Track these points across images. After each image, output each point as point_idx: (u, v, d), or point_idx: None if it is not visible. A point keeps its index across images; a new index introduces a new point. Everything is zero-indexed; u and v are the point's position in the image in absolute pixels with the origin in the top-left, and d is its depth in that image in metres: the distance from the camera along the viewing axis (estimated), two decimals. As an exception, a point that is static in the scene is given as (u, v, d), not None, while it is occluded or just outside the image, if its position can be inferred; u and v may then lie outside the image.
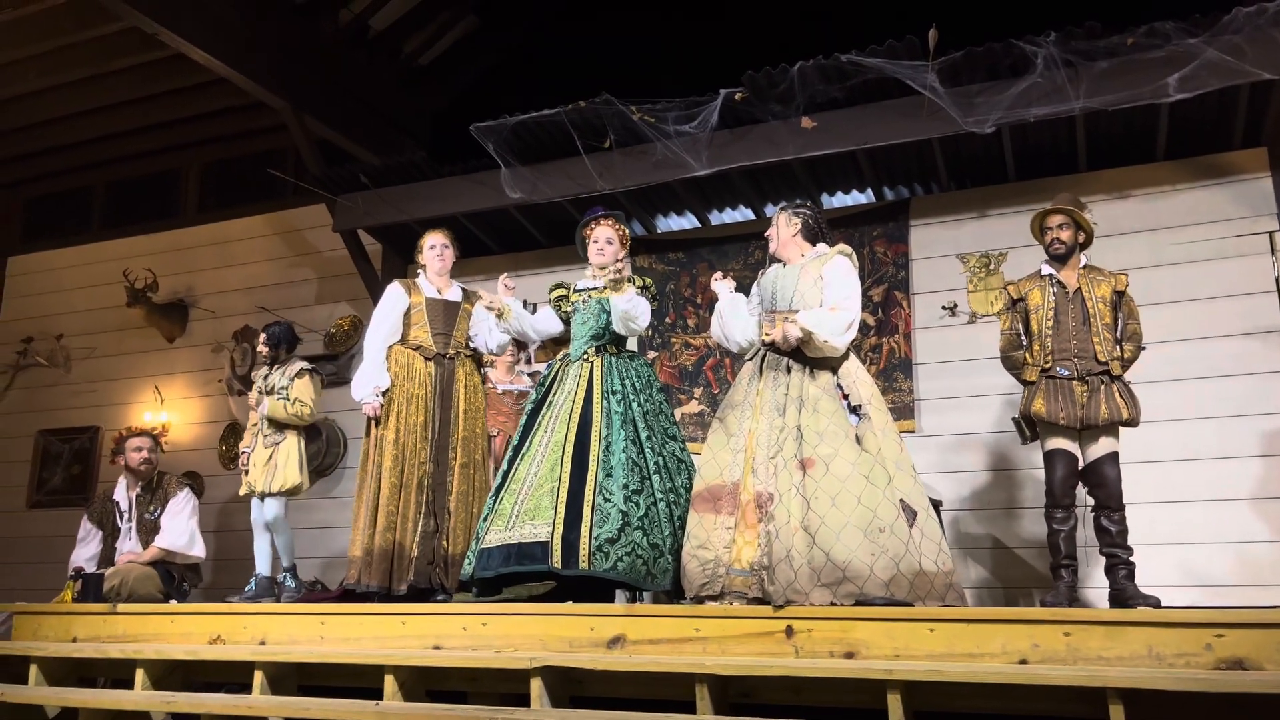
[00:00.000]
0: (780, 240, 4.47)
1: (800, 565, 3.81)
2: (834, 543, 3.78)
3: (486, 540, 4.32)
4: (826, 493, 3.87)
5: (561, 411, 4.49)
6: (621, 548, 4.09)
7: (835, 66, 5.49)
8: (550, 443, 4.42)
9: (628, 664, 3.60)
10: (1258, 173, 5.87)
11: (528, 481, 4.36)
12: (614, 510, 4.14)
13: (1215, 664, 3.11)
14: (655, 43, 7.36)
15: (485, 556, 4.29)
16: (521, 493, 4.34)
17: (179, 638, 4.83)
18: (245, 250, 8.63)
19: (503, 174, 6.31)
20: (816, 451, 3.94)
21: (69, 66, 7.90)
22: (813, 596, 3.76)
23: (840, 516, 3.82)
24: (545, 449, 4.42)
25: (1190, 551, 5.51)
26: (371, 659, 3.99)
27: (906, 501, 3.91)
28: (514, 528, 4.25)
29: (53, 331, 9.19)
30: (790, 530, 3.88)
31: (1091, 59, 5.18)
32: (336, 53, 7.79)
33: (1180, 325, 5.73)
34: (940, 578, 3.84)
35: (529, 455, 4.45)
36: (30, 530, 8.68)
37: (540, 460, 4.39)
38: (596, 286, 4.79)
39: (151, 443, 6.18)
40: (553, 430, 4.45)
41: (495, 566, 4.25)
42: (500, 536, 4.28)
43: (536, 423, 4.55)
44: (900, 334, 6.48)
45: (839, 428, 4.01)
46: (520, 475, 4.41)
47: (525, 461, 4.44)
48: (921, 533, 3.89)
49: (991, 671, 3.18)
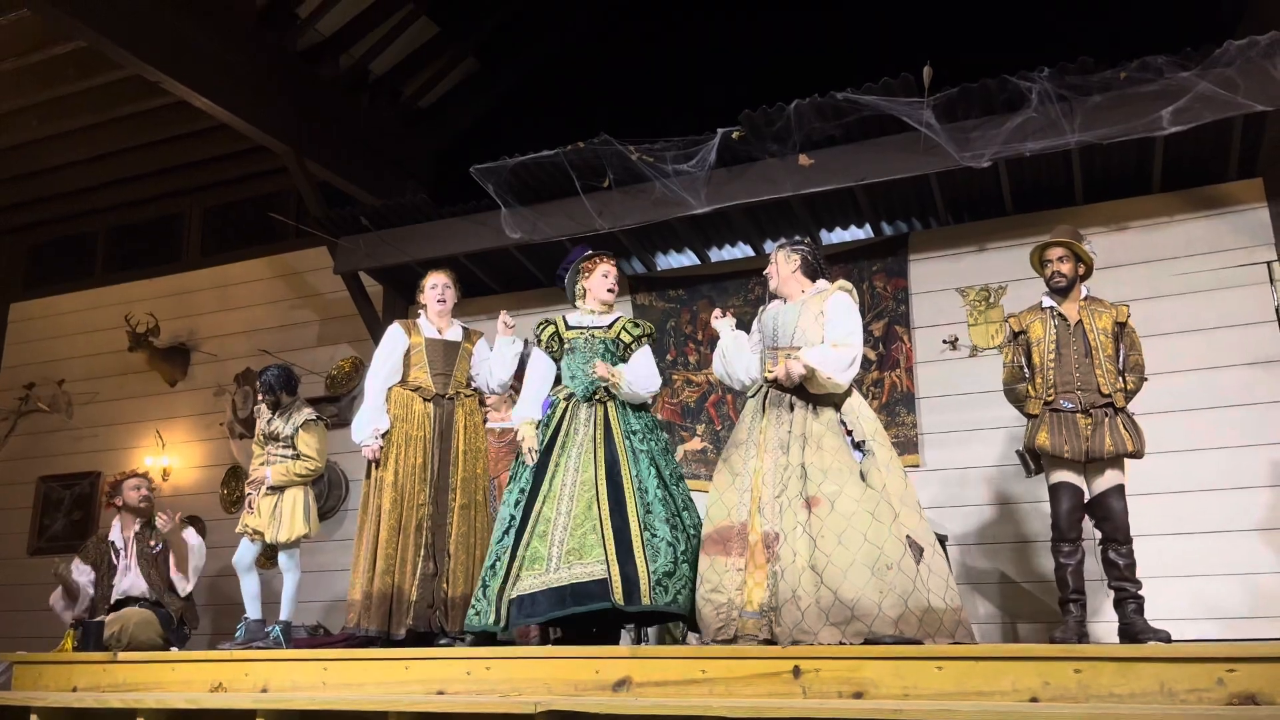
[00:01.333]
0: (780, 277, 4.47)
1: (808, 605, 3.78)
2: (841, 581, 3.76)
3: (522, 586, 4.16)
4: (833, 531, 3.84)
5: (582, 451, 4.39)
6: (677, 581, 4.10)
7: (831, 104, 5.54)
8: (578, 483, 4.31)
9: (634, 707, 3.55)
10: (1254, 203, 5.90)
11: (559, 523, 4.24)
12: (663, 545, 4.13)
13: (1228, 699, 3.07)
14: (653, 83, 7.43)
15: (527, 603, 4.14)
16: (554, 535, 4.22)
17: (180, 685, 4.78)
18: (247, 293, 8.66)
19: (503, 214, 6.35)
20: (821, 489, 3.93)
21: (71, 114, 7.98)
22: (821, 636, 3.73)
23: (847, 554, 3.80)
24: (573, 488, 4.30)
25: (1199, 584, 5.47)
26: (374, 705, 3.94)
27: (913, 537, 3.88)
28: (558, 570, 4.13)
29: (54, 377, 9.20)
30: (796, 569, 3.85)
31: (1085, 93, 5.23)
32: (337, 96, 7.87)
33: (1182, 356, 5.73)
34: (949, 614, 3.81)
35: (551, 496, 4.32)
36: (31, 577, 8.62)
37: (570, 500, 4.28)
38: (598, 326, 4.69)
39: (144, 481, 6.18)
40: (577, 470, 4.34)
41: (546, 611, 4.13)
42: (543, 580, 4.14)
43: (550, 463, 4.42)
44: (902, 368, 6.48)
45: (843, 464, 3.99)
46: (546, 516, 4.28)
47: (549, 503, 4.31)
48: (929, 569, 3.86)
49: (1002, 710, 3.14)
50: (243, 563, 5.81)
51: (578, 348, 4.64)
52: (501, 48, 8.51)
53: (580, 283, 4.77)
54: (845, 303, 4.29)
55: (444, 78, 8.56)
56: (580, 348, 4.64)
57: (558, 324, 4.73)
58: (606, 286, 4.72)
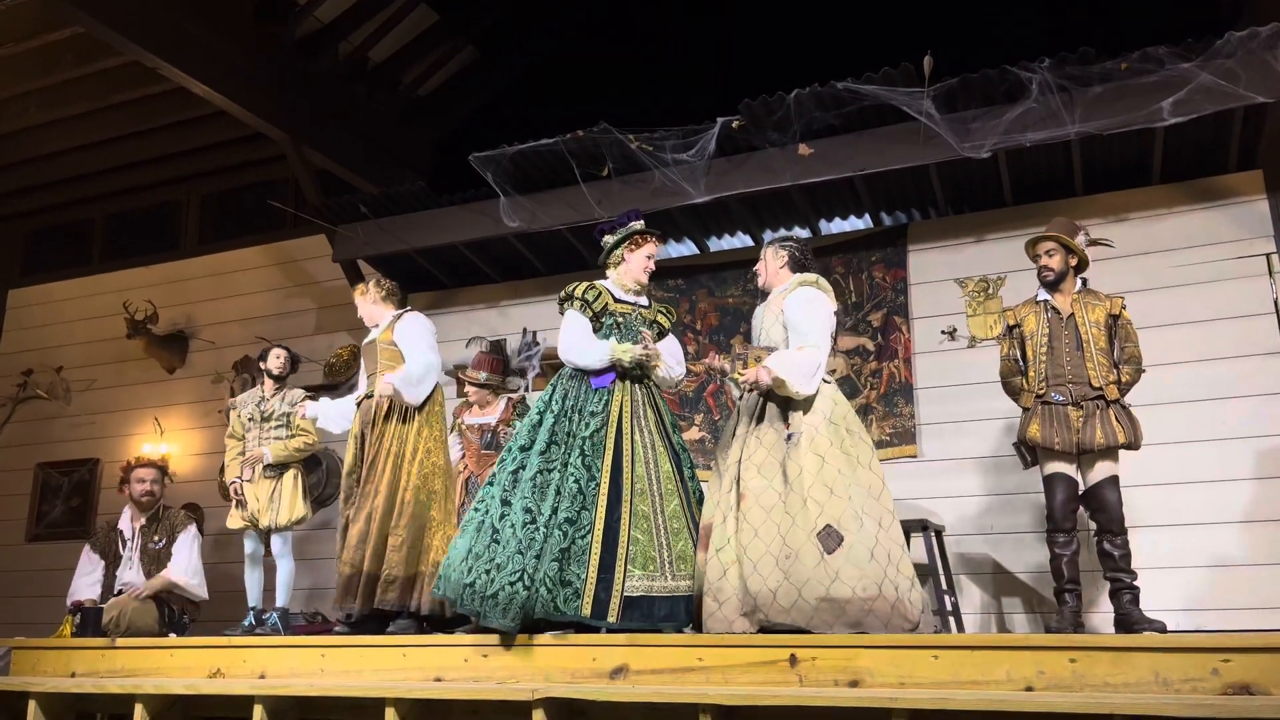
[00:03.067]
0: (769, 273, 4.42)
1: (727, 597, 3.89)
2: (751, 573, 3.87)
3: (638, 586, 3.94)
4: (750, 524, 3.93)
5: (654, 440, 4.23)
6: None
7: (831, 94, 5.53)
8: (660, 476, 4.16)
9: (631, 694, 3.57)
10: (1254, 195, 5.90)
11: (659, 523, 4.08)
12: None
13: (1222, 689, 3.08)
14: (653, 72, 7.41)
15: (645, 605, 3.94)
16: (659, 536, 4.06)
17: (178, 671, 4.80)
18: (245, 281, 8.65)
19: (502, 203, 6.34)
20: (749, 484, 3.99)
21: (69, 101, 7.96)
22: (735, 625, 3.85)
23: (760, 547, 3.89)
24: (660, 484, 4.15)
25: (1194, 574, 5.49)
26: (373, 692, 3.96)
27: (834, 526, 3.82)
28: (675, 577, 4.04)
29: (53, 364, 9.20)
30: (719, 562, 3.95)
31: (1086, 84, 5.22)
32: (336, 84, 7.85)
33: (1179, 348, 5.73)
34: (857, 604, 3.72)
35: (640, 490, 4.10)
36: (29, 564, 8.65)
37: (659, 497, 4.13)
38: (643, 305, 4.48)
39: (155, 474, 6.11)
40: (655, 463, 4.18)
41: (664, 620, 3.98)
42: (660, 585, 4.00)
43: (625, 446, 4.15)
44: (900, 359, 6.48)
45: (775, 458, 4.01)
46: (644, 512, 4.07)
47: (640, 498, 4.08)
48: (846, 558, 3.78)
49: (997, 699, 3.15)
50: (256, 556, 5.87)
51: (632, 323, 4.40)
52: (501, 36, 8.49)
53: (622, 250, 4.48)
54: (802, 298, 4.19)
55: (443, 66, 8.53)
56: (634, 323, 4.40)
57: (607, 293, 4.41)
58: (647, 268, 4.47)
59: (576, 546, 3.94)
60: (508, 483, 4.15)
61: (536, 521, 3.98)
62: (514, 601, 3.87)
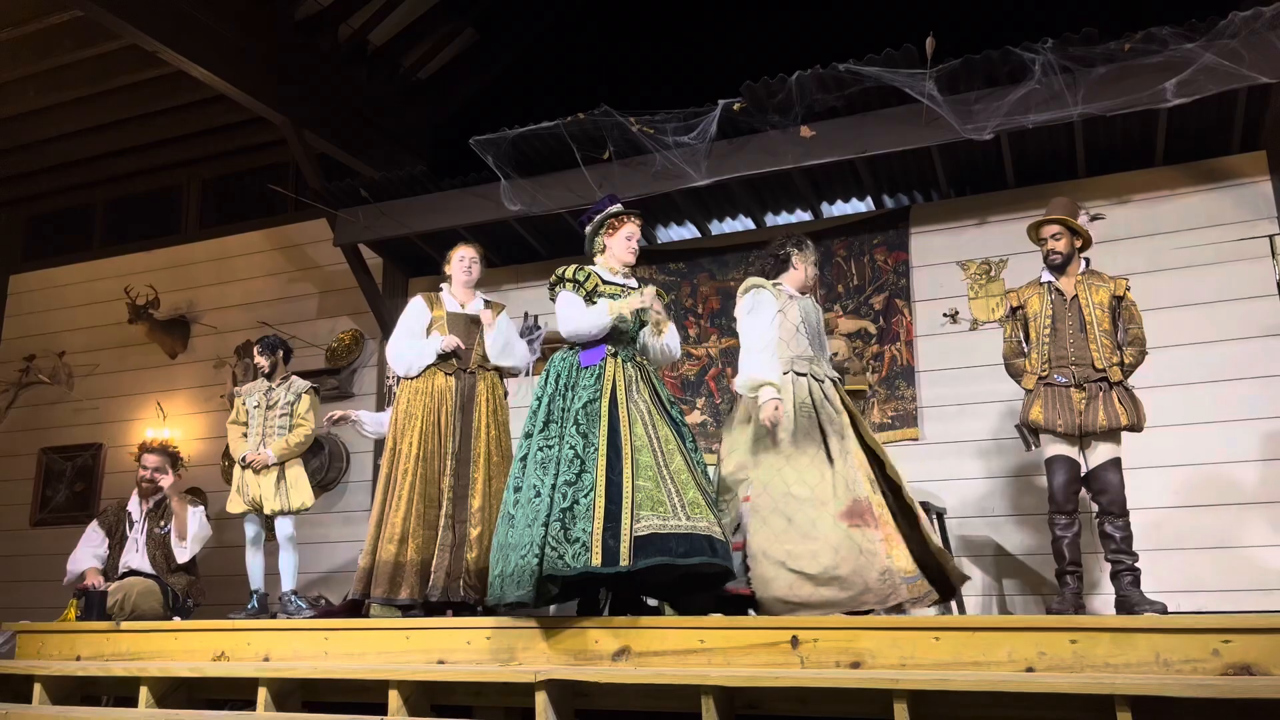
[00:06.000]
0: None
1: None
2: None
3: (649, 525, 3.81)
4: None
5: (651, 409, 4.19)
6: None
7: (833, 75, 5.50)
8: (660, 438, 4.09)
9: (633, 676, 3.59)
10: (1257, 176, 5.87)
11: (665, 475, 3.99)
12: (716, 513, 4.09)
13: (1223, 670, 3.09)
14: (653, 54, 7.37)
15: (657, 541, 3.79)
16: (666, 484, 3.96)
17: (183, 655, 4.82)
18: (246, 265, 8.64)
19: (502, 187, 6.32)
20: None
21: (68, 85, 7.93)
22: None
23: None
24: (660, 443, 4.07)
25: (1196, 556, 5.50)
26: (376, 674, 3.98)
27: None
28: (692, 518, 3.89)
29: (55, 349, 9.20)
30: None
31: (1089, 65, 5.19)
32: (336, 67, 7.81)
33: (1182, 330, 5.72)
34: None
35: (641, 446, 4.03)
36: (33, 548, 8.67)
37: (662, 454, 4.04)
38: (631, 287, 4.45)
39: (158, 460, 6.11)
40: (654, 427, 4.12)
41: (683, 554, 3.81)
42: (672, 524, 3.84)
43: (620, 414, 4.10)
44: (902, 342, 6.48)
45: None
46: (646, 463, 3.98)
47: (642, 451, 4.01)
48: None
49: (998, 680, 3.17)
50: (258, 540, 5.89)
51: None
52: (501, 18, 8.44)
53: (602, 238, 4.51)
54: (743, 307, 4.41)
55: (443, 49, 8.49)
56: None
57: (596, 275, 4.43)
58: (630, 249, 4.48)
59: (580, 505, 3.88)
60: (517, 470, 4.18)
61: (541, 495, 3.97)
62: (525, 572, 3.86)
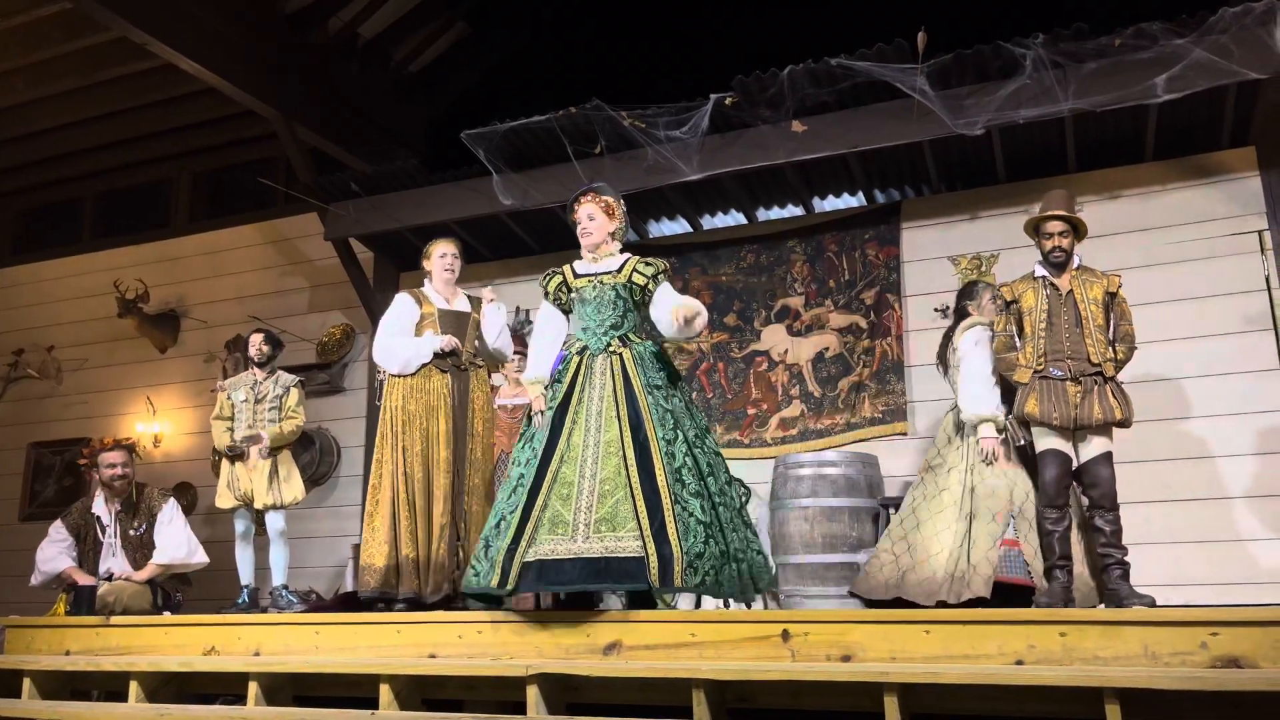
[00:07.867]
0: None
1: None
2: None
3: (543, 550, 3.88)
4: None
5: (603, 407, 4.08)
6: (706, 561, 3.85)
7: (825, 70, 5.51)
8: (602, 442, 4.00)
9: (624, 670, 3.59)
10: (1246, 172, 5.90)
11: (584, 487, 3.95)
12: (694, 522, 3.88)
13: (1211, 662, 3.11)
14: (645, 48, 7.36)
15: (551, 569, 3.85)
16: (579, 500, 3.93)
17: (173, 649, 4.80)
18: (236, 260, 8.61)
19: (494, 181, 6.32)
20: None
21: (57, 77, 7.89)
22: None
23: None
24: (596, 449, 4.00)
25: (1185, 550, 5.53)
26: (367, 668, 3.97)
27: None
28: (589, 539, 3.85)
29: (44, 343, 9.17)
30: None
31: (1080, 60, 5.20)
32: (327, 61, 7.79)
33: (1172, 325, 5.74)
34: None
35: (571, 456, 4.02)
36: (22, 543, 8.61)
37: (594, 462, 3.98)
38: (606, 271, 4.33)
39: (125, 456, 5.97)
40: (599, 429, 4.04)
41: (577, 581, 3.84)
42: (570, 548, 3.86)
43: (566, 420, 4.09)
44: (893, 336, 6.48)
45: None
46: (566, 478, 3.98)
47: (568, 464, 4.01)
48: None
49: (988, 672, 3.17)
50: (248, 535, 5.87)
51: (588, 297, 4.31)
52: (493, 12, 8.42)
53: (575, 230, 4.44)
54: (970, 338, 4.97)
55: (434, 42, 8.46)
56: (590, 297, 4.31)
57: (565, 273, 4.40)
58: (582, 231, 4.37)
59: (505, 523, 4.04)
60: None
61: (495, 512, 4.19)
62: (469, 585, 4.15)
